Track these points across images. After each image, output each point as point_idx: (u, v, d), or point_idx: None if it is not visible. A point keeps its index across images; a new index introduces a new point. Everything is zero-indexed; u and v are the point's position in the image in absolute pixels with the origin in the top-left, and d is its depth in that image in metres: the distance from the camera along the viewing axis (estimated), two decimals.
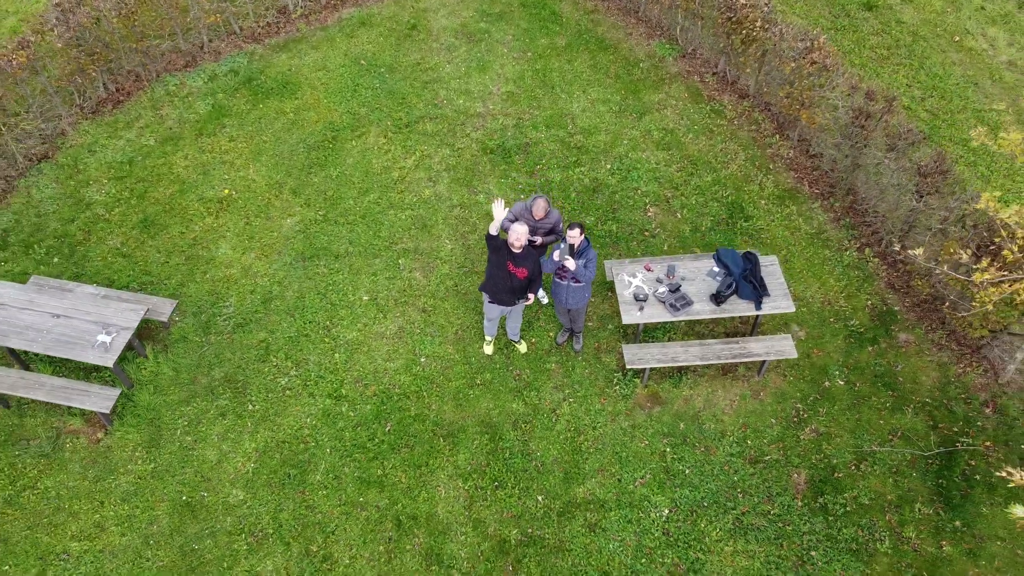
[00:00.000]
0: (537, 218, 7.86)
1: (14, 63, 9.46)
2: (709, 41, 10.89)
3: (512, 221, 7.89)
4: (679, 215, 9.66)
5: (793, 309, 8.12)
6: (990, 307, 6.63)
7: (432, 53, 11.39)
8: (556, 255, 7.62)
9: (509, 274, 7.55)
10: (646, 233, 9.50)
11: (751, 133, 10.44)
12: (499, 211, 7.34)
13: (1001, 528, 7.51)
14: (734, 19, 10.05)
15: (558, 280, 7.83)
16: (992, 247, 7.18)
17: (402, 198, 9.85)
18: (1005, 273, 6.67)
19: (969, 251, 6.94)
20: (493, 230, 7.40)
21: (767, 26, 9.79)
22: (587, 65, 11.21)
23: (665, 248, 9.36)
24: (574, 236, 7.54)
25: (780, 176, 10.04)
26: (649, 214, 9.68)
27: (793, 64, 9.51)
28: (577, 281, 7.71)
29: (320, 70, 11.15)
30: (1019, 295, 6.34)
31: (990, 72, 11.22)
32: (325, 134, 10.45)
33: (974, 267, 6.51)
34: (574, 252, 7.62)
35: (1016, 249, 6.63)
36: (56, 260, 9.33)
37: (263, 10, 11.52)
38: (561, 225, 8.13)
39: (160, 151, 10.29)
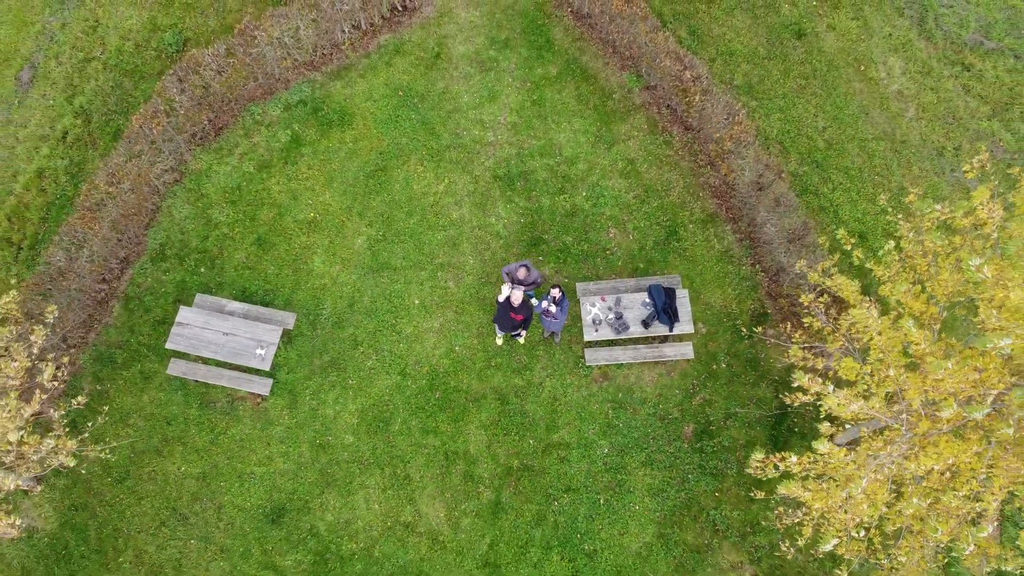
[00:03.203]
0: (520, 278, 12.12)
1: (155, 130, 13.08)
2: (667, 81, 14.16)
3: (508, 275, 12.16)
4: (631, 236, 13.81)
5: (692, 331, 12.69)
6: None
7: (453, 81, 14.69)
8: (544, 303, 12.03)
9: (512, 318, 12.02)
10: (608, 252, 13.72)
11: (690, 163, 14.19)
12: (507, 289, 11.65)
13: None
14: (681, 87, 13.41)
15: (544, 317, 12.29)
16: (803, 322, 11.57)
17: (437, 220, 13.91)
18: (809, 341, 11.19)
19: (789, 325, 11.37)
20: (501, 299, 11.76)
21: (705, 96, 13.21)
22: (573, 96, 14.59)
23: (619, 264, 13.65)
24: (555, 293, 11.91)
25: (706, 202, 14.00)
26: (611, 235, 13.82)
27: (718, 134, 13.13)
28: (556, 319, 12.19)
29: (368, 100, 14.56)
30: (809, 360, 10.90)
31: (880, 101, 14.63)
32: (377, 163, 14.21)
33: (791, 335, 10.99)
34: (555, 302, 12.02)
35: (816, 324, 11.07)
36: (202, 270, 13.67)
37: (320, 44, 14.60)
38: (541, 278, 12.36)
39: (258, 177, 14.14)
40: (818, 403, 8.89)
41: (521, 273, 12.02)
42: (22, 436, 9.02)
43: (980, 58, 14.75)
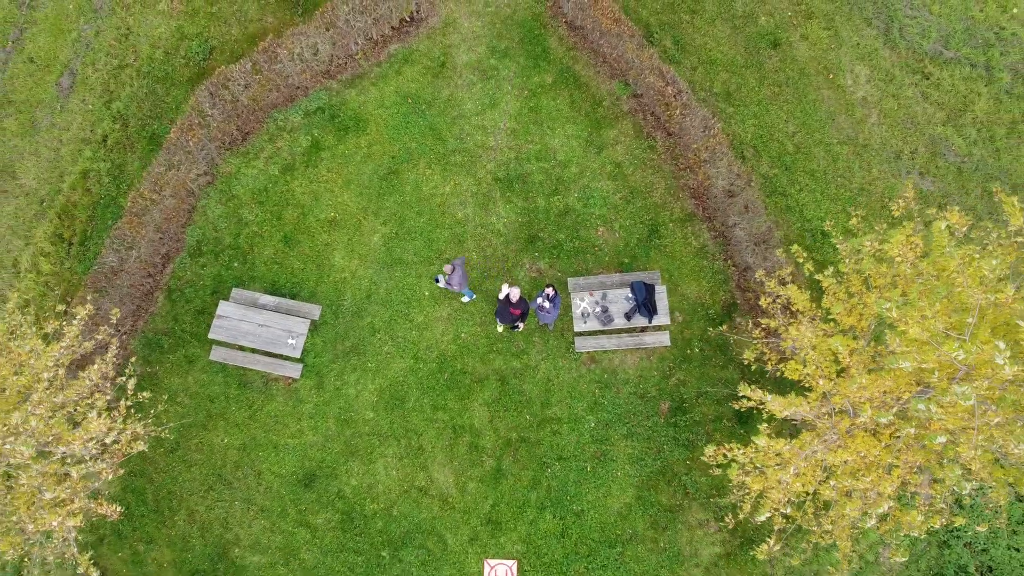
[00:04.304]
0: (447, 272, 13.62)
1: (191, 143, 14.60)
2: (651, 94, 15.59)
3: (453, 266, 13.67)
4: (618, 234, 15.47)
5: (669, 322, 14.49)
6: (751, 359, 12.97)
7: (457, 89, 16.11)
8: (539, 300, 13.79)
9: (510, 312, 13.80)
10: (596, 248, 15.40)
11: (671, 167, 15.74)
12: (506, 288, 13.38)
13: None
14: (663, 101, 14.88)
15: (538, 312, 14.06)
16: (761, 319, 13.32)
17: (443, 219, 15.55)
18: (766, 336, 12.99)
19: (751, 322, 13.14)
20: (501, 296, 13.52)
21: (685, 109, 14.69)
22: (566, 103, 16.03)
23: (607, 259, 15.34)
24: (549, 291, 13.66)
25: (685, 203, 15.61)
26: (599, 233, 15.47)
27: (695, 144, 14.66)
28: (549, 313, 13.96)
29: (380, 107, 16.01)
30: (766, 355, 12.71)
31: (846, 108, 16.08)
32: (389, 166, 15.76)
33: (752, 333, 12.81)
34: (549, 299, 13.78)
35: (773, 324, 12.86)
36: (236, 265, 15.38)
37: (335, 55, 15.96)
38: (459, 287, 13.75)
39: (283, 180, 15.71)
40: (761, 406, 10.74)
41: (447, 269, 13.46)
42: (114, 438, 10.90)
43: (939, 67, 16.14)
